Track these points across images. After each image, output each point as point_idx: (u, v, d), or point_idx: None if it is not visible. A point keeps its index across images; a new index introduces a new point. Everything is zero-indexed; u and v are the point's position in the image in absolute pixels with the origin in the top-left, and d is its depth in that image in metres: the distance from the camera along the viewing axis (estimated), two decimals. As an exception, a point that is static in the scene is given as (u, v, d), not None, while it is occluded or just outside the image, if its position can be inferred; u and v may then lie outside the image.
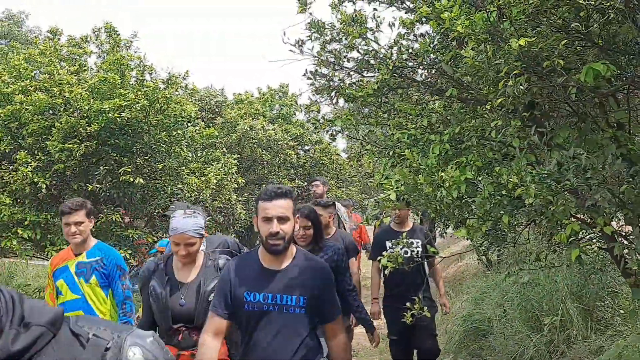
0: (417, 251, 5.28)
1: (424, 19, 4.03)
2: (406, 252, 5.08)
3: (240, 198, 11.74)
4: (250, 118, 15.31)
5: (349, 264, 4.88)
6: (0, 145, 7.98)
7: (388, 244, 5.31)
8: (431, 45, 4.25)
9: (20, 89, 8.16)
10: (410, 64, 4.37)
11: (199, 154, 10.59)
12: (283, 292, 2.88)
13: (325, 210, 5.51)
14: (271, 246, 2.86)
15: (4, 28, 31.18)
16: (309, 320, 2.94)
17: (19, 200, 8.14)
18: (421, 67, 4.47)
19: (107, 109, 7.87)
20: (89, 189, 8.01)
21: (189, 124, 9.64)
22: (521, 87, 2.89)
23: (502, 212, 3.29)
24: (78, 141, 7.89)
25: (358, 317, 4.77)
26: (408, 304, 4.04)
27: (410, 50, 4.26)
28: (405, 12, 4.36)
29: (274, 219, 2.85)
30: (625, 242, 3.36)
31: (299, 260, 2.99)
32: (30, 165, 7.77)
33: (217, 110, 15.77)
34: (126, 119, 8.02)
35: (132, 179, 8.03)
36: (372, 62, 4.42)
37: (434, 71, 4.53)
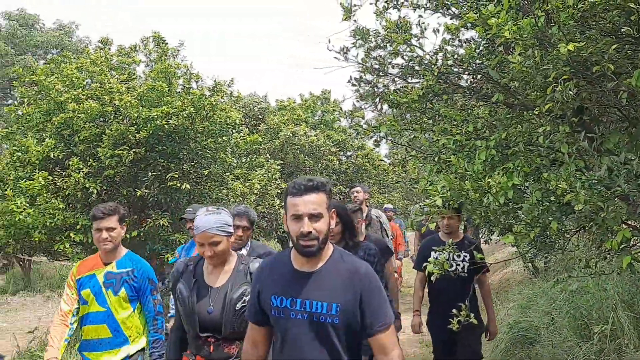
0: (464, 265, 4.88)
1: (469, 25, 4.02)
2: (451, 265, 4.71)
3: (283, 203, 11.86)
4: (293, 124, 15.46)
5: (382, 267, 4.57)
6: (54, 151, 8.26)
7: (433, 254, 4.89)
8: (477, 50, 4.23)
9: (73, 97, 8.44)
10: (456, 69, 4.36)
11: (243, 160, 10.74)
12: (313, 297, 2.50)
13: (353, 216, 5.08)
14: (303, 248, 2.48)
15: (56, 38, 32.28)
16: (346, 331, 2.51)
17: (71, 205, 8.41)
18: (466, 72, 4.46)
19: (155, 117, 8.08)
20: (138, 194, 8.22)
21: (234, 131, 9.79)
22: (570, 92, 2.87)
23: (550, 218, 3.26)
24: (127, 148, 8.11)
25: None
26: (454, 311, 3.96)
27: (455, 56, 4.25)
28: (450, 18, 4.36)
29: (304, 217, 2.47)
30: (679, 249, 3.29)
31: (334, 261, 2.58)
32: (82, 171, 8.02)
33: (260, 116, 15.98)
34: (173, 126, 8.21)
35: (179, 185, 8.22)
36: (416, 68, 4.43)
37: (479, 77, 4.51)
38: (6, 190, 8.30)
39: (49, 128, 8.66)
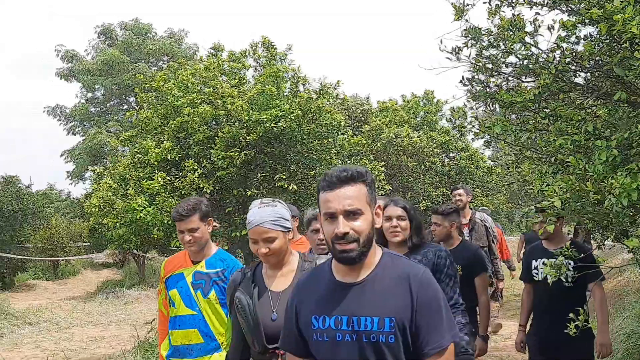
0: (567, 274, 4.21)
1: (587, 21, 3.89)
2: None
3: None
4: (395, 125, 15.44)
5: (454, 272, 3.88)
6: (171, 153, 8.75)
7: (534, 263, 4.60)
8: (597, 47, 4.09)
9: (188, 101, 8.91)
10: (573, 67, 4.24)
11: (347, 162, 10.86)
12: (361, 313, 2.03)
13: (447, 219, 4.91)
14: (340, 253, 2.05)
15: (167, 46, 34.00)
16: (406, 352, 2.03)
17: (186, 204, 8.87)
18: (584, 70, 4.32)
19: (265, 119, 8.37)
20: (248, 194, 8.54)
21: (339, 132, 9.94)
22: None
23: (679, 221, 3.11)
24: (238, 149, 8.46)
25: None
26: (571, 315, 3.75)
27: (573, 53, 4.13)
28: (569, 15, 4.24)
29: (339, 215, 2.03)
30: None
31: (383, 267, 2.12)
32: (197, 172, 8.44)
33: (363, 118, 16.09)
34: (281, 128, 8.47)
35: (286, 185, 8.46)
36: (531, 66, 4.34)
37: (597, 74, 4.36)
38: (128, 189, 8.89)
39: (166, 131, 9.18)
